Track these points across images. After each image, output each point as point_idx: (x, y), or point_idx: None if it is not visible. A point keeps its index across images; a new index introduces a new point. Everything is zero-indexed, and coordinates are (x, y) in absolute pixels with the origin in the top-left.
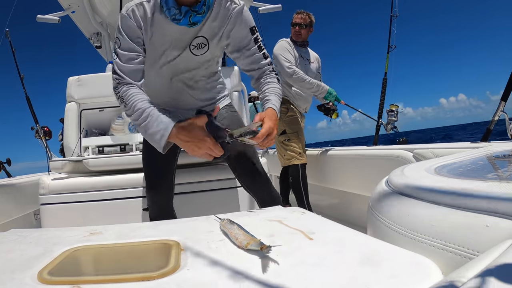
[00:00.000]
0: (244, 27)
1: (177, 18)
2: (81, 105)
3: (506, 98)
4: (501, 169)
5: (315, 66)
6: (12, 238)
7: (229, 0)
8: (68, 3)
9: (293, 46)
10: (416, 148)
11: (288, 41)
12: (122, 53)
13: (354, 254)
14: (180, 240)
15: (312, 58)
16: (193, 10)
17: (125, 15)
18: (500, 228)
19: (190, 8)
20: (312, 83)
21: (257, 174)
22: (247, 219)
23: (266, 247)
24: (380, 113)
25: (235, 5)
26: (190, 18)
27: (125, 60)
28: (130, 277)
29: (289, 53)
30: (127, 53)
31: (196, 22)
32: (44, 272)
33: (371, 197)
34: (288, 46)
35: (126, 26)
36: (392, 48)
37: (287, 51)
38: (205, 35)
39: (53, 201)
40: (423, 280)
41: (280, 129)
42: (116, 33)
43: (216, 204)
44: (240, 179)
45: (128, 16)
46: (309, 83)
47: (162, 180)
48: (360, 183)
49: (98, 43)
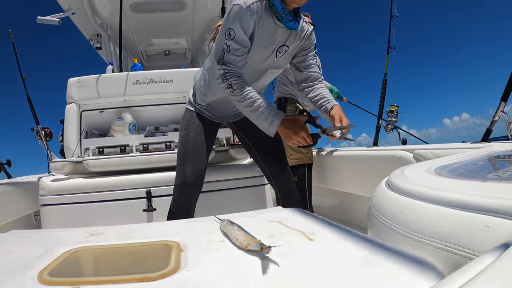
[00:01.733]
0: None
1: (288, 19)
2: (81, 106)
3: (506, 99)
4: (501, 170)
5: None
6: (12, 239)
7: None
8: (68, 5)
9: None
10: (416, 148)
11: None
12: (234, 45)
13: (354, 255)
14: (180, 241)
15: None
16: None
17: (245, 10)
18: (500, 229)
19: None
20: None
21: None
22: (247, 220)
23: (266, 247)
24: (380, 113)
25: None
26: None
27: (236, 51)
28: (130, 278)
29: None
30: (239, 46)
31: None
32: (45, 273)
33: (372, 198)
34: None
35: (245, 20)
36: (391, 49)
37: None
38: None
39: (53, 202)
40: (424, 280)
41: None
42: (230, 24)
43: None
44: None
45: (247, 10)
46: None
47: (203, 178)
48: (360, 184)
49: (98, 44)
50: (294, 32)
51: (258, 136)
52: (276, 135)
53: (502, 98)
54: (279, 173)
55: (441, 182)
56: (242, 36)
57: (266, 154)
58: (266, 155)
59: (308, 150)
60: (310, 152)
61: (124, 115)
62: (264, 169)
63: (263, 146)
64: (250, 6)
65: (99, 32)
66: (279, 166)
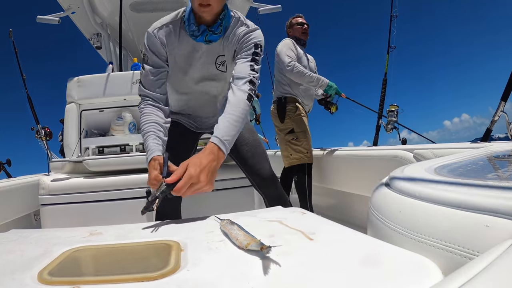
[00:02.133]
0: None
1: (195, 35)
2: (81, 105)
3: (506, 98)
4: (501, 169)
5: (313, 66)
6: (12, 238)
7: (243, 24)
8: (68, 4)
9: (296, 45)
10: (416, 148)
11: (291, 40)
12: (148, 67)
13: (354, 255)
14: (180, 241)
15: (310, 59)
16: (210, 30)
17: (151, 34)
18: (500, 228)
19: (208, 27)
20: (312, 77)
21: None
22: (247, 220)
23: (266, 247)
24: (380, 113)
25: (246, 28)
26: (206, 37)
27: (150, 74)
28: (130, 278)
29: (291, 50)
30: (154, 69)
31: (212, 40)
32: (44, 272)
33: (371, 198)
34: (292, 44)
35: (151, 43)
36: (392, 49)
37: (289, 49)
38: (225, 54)
39: (53, 201)
40: (423, 280)
41: (288, 128)
42: (143, 50)
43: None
44: (250, 178)
45: (153, 34)
46: (309, 76)
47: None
48: (360, 184)
49: (98, 43)
50: (227, 38)
51: (237, 146)
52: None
53: (502, 97)
54: (261, 181)
55: (441, 181)
56: (154, 58)
57: (245, 164)
58: (245, 165)
59: (308, 150)
60: (310, 152)
61: (124, 115)
62: (248, 178)
63: (241, 156)
64: (158, 28)
65: (99, 32)
66: (258, 174)
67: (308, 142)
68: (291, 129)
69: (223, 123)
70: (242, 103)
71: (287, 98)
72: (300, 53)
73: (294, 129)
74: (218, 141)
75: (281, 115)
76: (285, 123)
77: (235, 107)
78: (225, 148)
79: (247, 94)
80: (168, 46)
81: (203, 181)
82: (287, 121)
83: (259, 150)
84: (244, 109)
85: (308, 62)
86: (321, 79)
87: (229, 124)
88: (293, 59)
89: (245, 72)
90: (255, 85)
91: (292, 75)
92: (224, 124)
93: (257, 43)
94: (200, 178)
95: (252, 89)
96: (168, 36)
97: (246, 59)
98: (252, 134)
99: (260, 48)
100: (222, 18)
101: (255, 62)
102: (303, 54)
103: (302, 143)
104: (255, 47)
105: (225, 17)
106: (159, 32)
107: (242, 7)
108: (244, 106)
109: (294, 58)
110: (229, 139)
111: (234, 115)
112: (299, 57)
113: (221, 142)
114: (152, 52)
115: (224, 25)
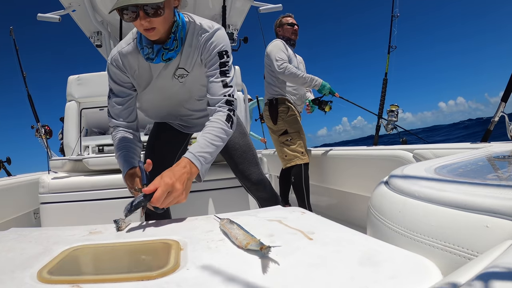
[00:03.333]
0: (212, 52)
1: (150, 57)
2: (81, 104)
3: (506, 99)
4: (501, 170)
5: (302, 67)
6: (12, 237)
7: (200, 29)
8: (69, 2)
9: (286, 46)
10: (416, 148)
11: (282, 41)
12: (114, 99)
13: (354, 254)
14: (179, 240)
15: (300, 59)
16: (165, 48)
17: (109, 63)
18: (500, 229)
19: (162, 46)
20: (305, 77)
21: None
22: (247, 219)
23: (266, 247)
24: (381, 113)
25: (205, 33)
26: (163, 56)
27: (117, 105)
28: (129, 277)
29: (282, 52)
30: (118, 99)
31: (170, 58)
32: (44, 271)
33: (371, 197)
34: (283, 45)
35: (112, 72)
36: (392, 49)
37: (281, 50)
38: (184, 66)
39: (53, 200)
40: (423, 280)
41: (281, 129)
42: (108, 80)
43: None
44: (241, 182)
45: (111, 64)
46: (303, 77)
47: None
48: (360, 184)
49: (98, 42)
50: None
51: (228, 151)
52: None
53: (502, 98)
54: (251, 185)
55: (440, 182)
56: (118, 88)
57: (236, 168)
58: (236, 170)
59: (303, 150)
60: (305, 152)
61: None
62: (239, 181)
63: (231, 161)
64: (115, 58)
65: (100, 30)
66: (248, 179)
67: (302, 142)
68: (284, 130)
69: (199, 141)
70: (219, 123)
71: (278, 99)
72: (290, 54)
73: (288, 130)
74: (191, 156)
75: (274, 117)
76: (278, 125)
77: (212, 127)
78: (199, 163)
79: (225, 114)
80: (129, 72)
81: (178, 189)
82: (280, 123)
83: (249, 155)
84: (222, 128)
85: (298, 62)
86: (315, 79)
87: (205, 141)
88: (285, 60)
89: (218, 93)
90: (232, 102)
91: (285, 77)
92: (200, 141)
93: (221, 51)
94: (176, 186)
95: (230, 108)
96: (127, 62)
97: (215, 76)
98: (244, 138)
99: (225, 55)
100: (175, 31)
101: (224, 74)
102: (293, 54)
103: (297, 144)
104: (219, 57)
105: (178, 29)
106: (117, 60)
107: (242, 6)
108: (221, 126)
109: (286, 60)
110: (205, 156)
111: (211, 133)
112: (290, 58)
113: (195, 157)
114: (115, 82)
115: (179, 37)
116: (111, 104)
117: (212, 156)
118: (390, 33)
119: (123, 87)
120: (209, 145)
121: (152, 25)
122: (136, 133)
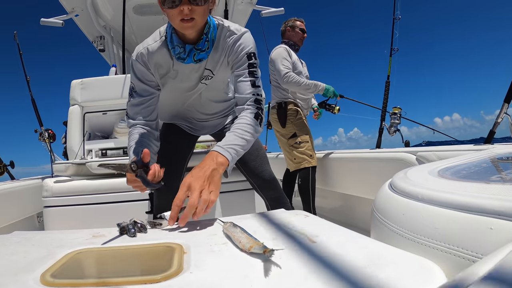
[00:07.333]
0: (241, 53)
1: (182, 57)
2: (85, 108)
3: (509, 100)
4: (505, 172)
5: (306, 70)
6: (15, 240)
7: (228, 31)
8: (72, 7)
9: (291, 52)
10: (419, 150)
11: (285, 48)
12: (136, 97)
13: (358, 257)
14: (183, 243)
15: (303, 63)
16: (197, 48)
17: (134, 60)
18: (504, 231)
19: (194, 46)
20: (308, 84)
21: (267, 177)
22: (250, 222)
23: (269, 250)
24: (383, 116)
25: (233, 35)
26: (194, 57)
27: (139, 103)
28: (133, 280)
29: (286, 60)
30: (140, 98)
31: (201, 59)
32: (47, 274)
33: (375, 200)
34: (286, 52)
35: (136, 69)
36: (394, 51)
37: (284, 58)
38: (210, 68)
39: (56, 203)
40: (427, 283)
41: (290, 132)
42: (131, 77)
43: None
44: (251, 180)
45: (136, 60)
46: (306, 84)
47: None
48: (363, 186)
49: (101, 46)
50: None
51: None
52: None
53: (505, 99)
54: (262, 182)
55: (444, 184)
56: (142, 86)
57: (246, 166)
58: (246, 167)
59: (311, 153)
60: (313, 155)
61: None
62: (248, 179)
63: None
64: (141, 53)
65: (103, 34)
66: (260, 176)
67: (311, 145)
68: (293, 133)
69: (227, 136)
70: (248, 120)
71: (287, 103)
72: (294, 59)
73: (297, 133)
74: (219, 148)
75: (282, 120)
76: (287, 128)
77: (242, 123)
78: (228, 154)
79: (254, 112)
80: (153, 69)
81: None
82: (289, 126)
83: (261, 152)
84: (251, 124)
85: (302, 66)
86: (318, 84)
87: (234, 136)
88: (289, 69)
89: (247, 92)
90: (260, 102)
91: (289, 85)
92: (228, 136)
93: (249, 53)
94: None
95: (258, 107)
96: (153, 59)
97: (244, 76)
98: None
99: (253, 57)
100: (207, 32)
101: (253, 74)
102: (297, 59)
103: (306, 146)
104: (248, 58)
105: (209, 30)
106: (144, 56)
107: (245, 10)
108: (250, 122)
109: (290, 68)
110: (233, 147)
111: (240, 129)
112: (294, 63)
113: (222, 148)
114: (139, 79)
115: (211, 39)
116: (132, 102)
117: (243, 149)
118: (392, 36)
119: (147, 85)
120: (238, 139)
121: (193, 14)
122: (154, 132)
